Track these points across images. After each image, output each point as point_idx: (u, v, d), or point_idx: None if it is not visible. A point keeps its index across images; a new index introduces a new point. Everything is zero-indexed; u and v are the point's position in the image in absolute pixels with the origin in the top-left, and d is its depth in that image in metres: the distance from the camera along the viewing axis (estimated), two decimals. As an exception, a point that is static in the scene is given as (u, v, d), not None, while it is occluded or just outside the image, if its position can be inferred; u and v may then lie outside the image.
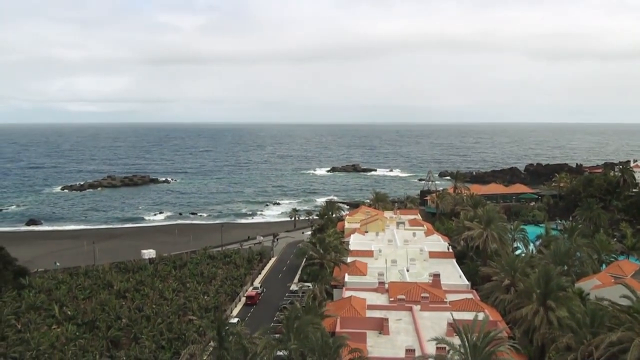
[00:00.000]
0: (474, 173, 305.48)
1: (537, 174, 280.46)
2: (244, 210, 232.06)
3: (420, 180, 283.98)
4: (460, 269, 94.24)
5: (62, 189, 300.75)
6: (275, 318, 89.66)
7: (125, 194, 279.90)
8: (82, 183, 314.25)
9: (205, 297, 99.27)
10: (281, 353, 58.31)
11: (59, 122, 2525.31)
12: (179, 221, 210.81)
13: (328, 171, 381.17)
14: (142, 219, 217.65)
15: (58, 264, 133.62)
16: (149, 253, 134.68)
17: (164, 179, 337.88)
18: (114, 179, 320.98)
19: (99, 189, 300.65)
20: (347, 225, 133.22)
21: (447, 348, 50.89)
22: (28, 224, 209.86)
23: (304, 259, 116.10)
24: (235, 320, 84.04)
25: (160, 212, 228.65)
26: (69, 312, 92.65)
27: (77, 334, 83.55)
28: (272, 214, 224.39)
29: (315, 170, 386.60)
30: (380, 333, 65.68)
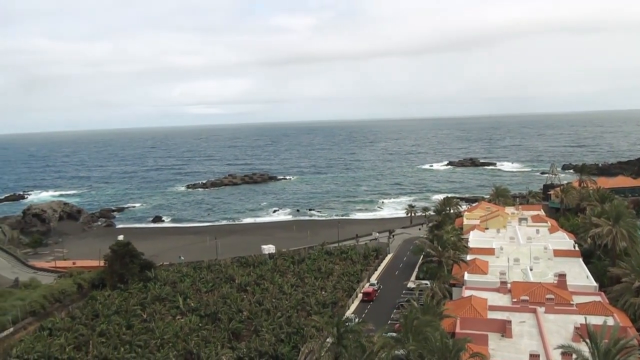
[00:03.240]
0: (600, 165, 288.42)
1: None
2: (359, 207, 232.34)
3: (542, 173, 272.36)
4: (587, 268, 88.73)
5: (186, 187, 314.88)
6: (392, 315, 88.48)
7: (246, 192, 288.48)
8: (204, 182, 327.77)
9: (323, 293, 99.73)
10: (399, 352, 57.15)
11: (182, 125, 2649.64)
12: (297, 217, 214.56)
13: (445, 166, 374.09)
14: (262, 215, 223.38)
15: (182, 258, 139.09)
16: (268, 248, 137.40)
17: (282, 176, 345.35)
18: (234, 177, 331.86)
19: (221, 186, 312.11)
20: (466, 221, 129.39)
21: (574, 355, 47.61)
22: (154, 221, 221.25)
23: (421, 256, 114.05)
24: (352, 316, 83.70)
25: (280, 209, 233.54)
26: (192, 304, 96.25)
27: (200, 325, 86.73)
28: (387, 210, 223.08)
29: (431, 165, 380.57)
30: (502, 336, 62.76)
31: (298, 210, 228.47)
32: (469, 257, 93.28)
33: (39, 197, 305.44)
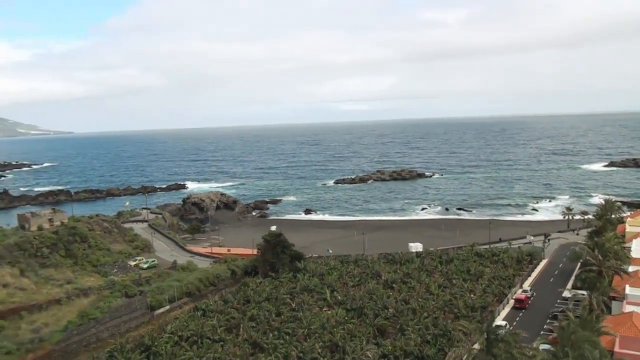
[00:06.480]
0: None
1: None
2: (512, 208, 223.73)
3: None
4: None
5: (335, 182, 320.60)
6: (545, 326, 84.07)
7: (394, 188, 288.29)
8: (353, 177, 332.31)
9: (472, 296, 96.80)
10: None
11: (331, 121, 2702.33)
12: (446, 216, 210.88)
13: (605, 166, 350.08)
14: (409, 212, 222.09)
15: (330, 251, 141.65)
16: (415, 246, 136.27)
17: (430, 173, 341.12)
18: (383, 174, 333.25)
19: (369, 182, 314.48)
20: (628, 228, 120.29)
21: None
22: (305, 213, 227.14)
23: (579, 264, 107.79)
24: (502, 323, 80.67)
25: (428, 207, 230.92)
26: (339, 297, 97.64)
27: (346, 318, 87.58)
28: (543, 212, 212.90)
29: (590, 165, 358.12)
30: (666, 360, 57.54)
31: (447, 209, 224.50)
32: (631, 268, 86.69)
33: (198, 187, 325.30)
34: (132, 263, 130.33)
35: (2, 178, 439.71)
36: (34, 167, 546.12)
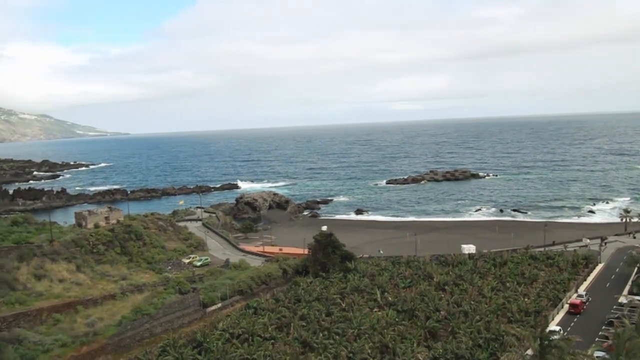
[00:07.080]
0: None
1: None
2: (568, 210, 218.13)
3: None
4: None
5: (387, 182, 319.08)
6: (600, 332, 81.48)
7: (447, 189, 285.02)
8: (405, 177, 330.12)
9: (526, 300, 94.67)
10: None
11: (384, 122, 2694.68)
12: (500, 217, 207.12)
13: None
14: (462, 214, 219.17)
15: (382, 251, 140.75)
16: (468, 248, 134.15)
17: (484, 174, 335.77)
18: (436, 174, 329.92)
19: (422, 182, 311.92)
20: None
21: None
22: (356, 214, 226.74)
23: (636, 269, 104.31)
24: (556, 328, 78.65)
25: (481, 208, 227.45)
26: (390, 299, 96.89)
27: (397, 320, 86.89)
28: (599, 214, 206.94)
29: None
30: None
31: (501, 211, 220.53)
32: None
33: (250, 186, 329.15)
34: (186, 261, 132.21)
35: (60, 177, 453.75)
36: (91, 167, 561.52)
